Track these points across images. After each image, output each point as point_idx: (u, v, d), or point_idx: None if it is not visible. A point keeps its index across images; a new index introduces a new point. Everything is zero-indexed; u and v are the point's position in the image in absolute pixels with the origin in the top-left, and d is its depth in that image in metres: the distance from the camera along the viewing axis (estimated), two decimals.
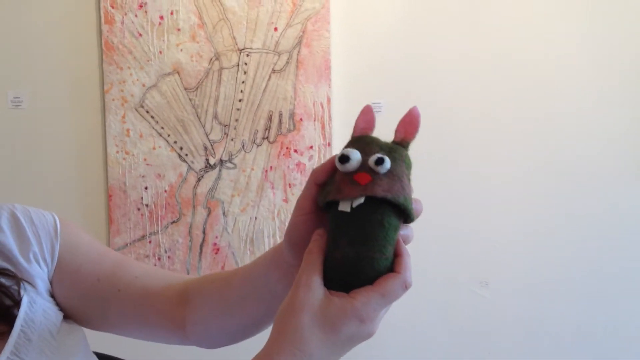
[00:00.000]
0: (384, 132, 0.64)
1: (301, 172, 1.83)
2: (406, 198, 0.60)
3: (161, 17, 1.80)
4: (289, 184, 1.84)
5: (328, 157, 1.80)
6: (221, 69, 1.83)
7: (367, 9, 1.84)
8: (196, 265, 1.87)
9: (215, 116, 1.84)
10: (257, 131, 1.83)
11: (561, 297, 1.91)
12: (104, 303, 0.83)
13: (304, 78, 1.82)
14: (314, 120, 1.82)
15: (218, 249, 1.86)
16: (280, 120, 1.83)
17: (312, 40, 1.81)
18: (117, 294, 0.82)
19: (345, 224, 0.59)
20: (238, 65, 1.83)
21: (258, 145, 1.83)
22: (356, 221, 0.59)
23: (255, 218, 1.86)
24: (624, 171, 1.88)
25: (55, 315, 0.80)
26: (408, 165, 0.62)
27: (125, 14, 1.79)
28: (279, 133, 1.83)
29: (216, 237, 1.86)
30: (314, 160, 1.82)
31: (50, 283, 0.83)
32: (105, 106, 1.81)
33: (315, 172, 0.64)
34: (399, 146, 0.63)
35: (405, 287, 0.59)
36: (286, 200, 1.85)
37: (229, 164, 1.85)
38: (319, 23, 1.80)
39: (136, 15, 1.79)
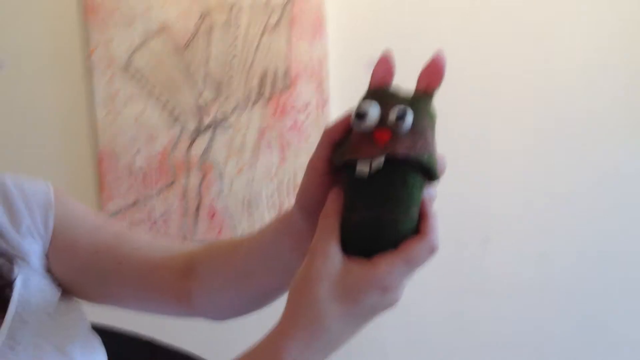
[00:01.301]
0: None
1: (297, 131, 1.78)
2: (431, 155, 0.56)
3: None
4: (286, 144, 1.79)
5: (324, 116, 1.75)
6: (212, 26, 1.75)
7: None
8: (192, 230, 1.83)
9: (208, 75, 1.78)
10: (251, 90, 1.78)
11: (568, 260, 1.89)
12: (104, 276, 0.79)
13: (298, 34, 1.75)
14: (310, 78, 1.76)
15: (214, 213, 1.82)
16: (274, 79, 1.77)
17: None
18: (118, 266, 0.78)
19: (364, 185, 0.55)
20: (229, 21, 1.76)
21: (253, 104, 1.78)
22: (376, 182, 0.55)
23: (252, 179, 1.81)
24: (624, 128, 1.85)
25: (52, 293, 0.75)
26: (432, 118, 0.58)
27: None
28: (274, 92, 1.77)
29: (213, 200, 1.82)
30: (311, 119, 1.77)
31: (46, 257, 0.78)
32: (92, 68, 1.74)
33: (328, 130, 0.59)
34: (422, 97, 0.58)
35: (432, 251, 0.55)
36: (283, 161, 1.80)
37: (223, 124, 1.80)
38: None
39: None
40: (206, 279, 0.76)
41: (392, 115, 0.55)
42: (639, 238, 1.89)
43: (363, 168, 0.55)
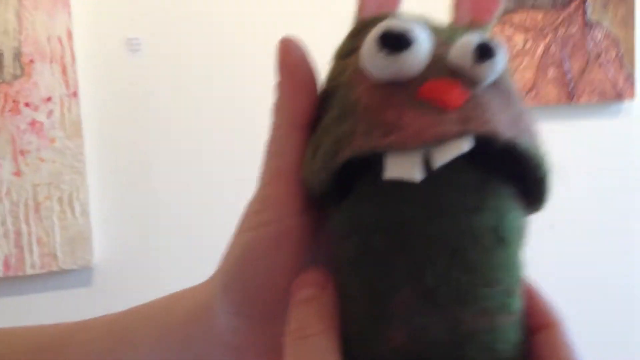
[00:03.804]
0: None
1: (37, 133, 1.34)
2: (541, 148, 0.27)
3: None
4: (21, 151, 1.34)
5: (74, 112, 1.34)
6: None
7: None
8: None
9: None
10: None
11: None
12: None
13: (32, 3, 1.32)
14: (51, 62, 1.34)
15: None
16: (0, 63, 1.32)
17: None
18: None
19: (412, 223, 0.25)
20: None
21: None
22: (443, 214, 0.25)
23: None
24: None
25: None
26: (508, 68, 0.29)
27: None
28: (1, 81, 1.32)
29: None
30: (55, 116, 1.34)
31: None
32: None
33: (283, 104, 0.30)
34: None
35: None
36: (18, 174, 1.35)
37: None
38: None
39: None
40: None
41: (465, 50, 0.26)
42: None
43: (404, 171, 0.25)
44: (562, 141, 1.73)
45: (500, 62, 0.26)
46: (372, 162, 0.25)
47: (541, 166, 0.26)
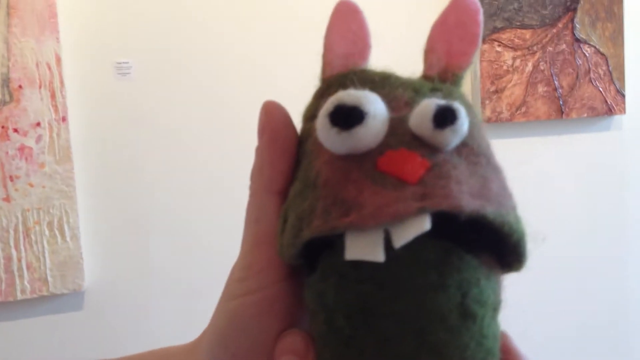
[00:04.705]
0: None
1: (26, 158, 1.34)
2: (515, 212, 0.26)
3: None
4: (10, 177, 1.34)
5: (63, 137, 1.34)
6: None
7: None
8: None
9: None
10: None
11: None
12: None
13: (20, 30, 1.32)
14: (40, 88, 1.34)
15: None
16: None
17: None
18: None
19: (374, 305, 0.24)
20: None
21: None
22: (406, 294, 0.24)
23: None
24: None
25: None
26: (481, 123, 0.28)
27: None
28: None
29: None
30: (44, 141, 1.34)
31: None
32: None
33: (261, 170, 0.29)
34: (444, 84, 0.28)
35: None
36: (7, 199, 1.34)
37: None
38: None
39: None
40: None
41: (423, 117, 0.25)
42: None
43: (365, 252, 0.24)
44: (553, 155, 1.73)
45: (463, 125, 0.25)
46: (336, 238, 0.25)
47: (513, 233, 0.25)
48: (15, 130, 1.33)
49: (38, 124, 1.34)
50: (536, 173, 1.71)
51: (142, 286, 1.46)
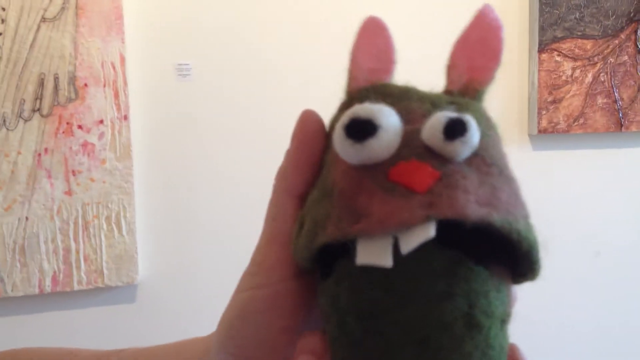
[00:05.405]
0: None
1: (89, 154, 1.39)
2: (528, 221, 0.26)
3: None
4: (73, 171, 1.39)
5: (124, 135, 1.38)
6: None
7: None
8: None
9: None
10: (24, 101, 1.36)
11: None
12: None
13: (88, 30, 1.37)
14: (104, 86, 1.38)
15: None
16: (56, 87, 1.37)
17: None
18: None
19: (382, 310, 0.25)
20: None
21: (26, 121, 1.36)
22: (412, 300, 0.25)
23: (27, 218, 1.38)
24: None
25: None
26: (499, 136, 0.29)
27: None
28: (56, 104, 1.37)
29: None
30: (106, 138, 1.39)
31: None
32: None
33: (286, 172, 0.31)
34: (464, 99, 0.29)
35: None
36: (69, 193, 1.39)
37: None
38: None
39: None
40: None
41: (434, 129, 0.26)
42: None
43: (374, 258, 0.25)
44: (610, 169, 1.69)
45: (473, 137, 0.26)
46: (349, 244, 0.26)
47: (523, 241, 0.25)
48: (80, 127, 1.38)
49: (101, 122, 1.39)
50: (592, 186, 1.67)
51: (193, 281, 1.49)
